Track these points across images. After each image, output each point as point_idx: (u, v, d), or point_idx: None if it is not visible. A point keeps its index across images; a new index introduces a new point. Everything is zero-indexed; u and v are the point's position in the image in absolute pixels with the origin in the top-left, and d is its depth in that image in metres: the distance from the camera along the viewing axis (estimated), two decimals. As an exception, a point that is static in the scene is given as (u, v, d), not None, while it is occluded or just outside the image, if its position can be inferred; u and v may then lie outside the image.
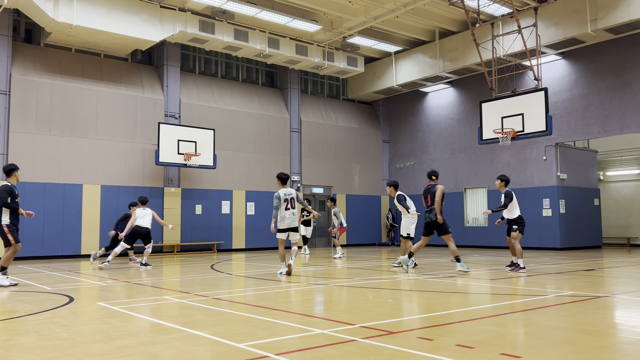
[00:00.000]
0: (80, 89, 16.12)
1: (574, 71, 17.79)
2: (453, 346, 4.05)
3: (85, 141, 16.06)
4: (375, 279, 9.35)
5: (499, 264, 12.22)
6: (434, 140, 21.87)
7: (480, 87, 19.44)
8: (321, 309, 6.17)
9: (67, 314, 5.79)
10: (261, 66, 20.88)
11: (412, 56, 20.27)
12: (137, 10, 15.45)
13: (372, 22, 17.27)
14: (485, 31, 16.98)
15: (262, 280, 9.12)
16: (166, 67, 17.80)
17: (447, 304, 6.35)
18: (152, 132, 17.09)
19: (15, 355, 3.93)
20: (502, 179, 10.69)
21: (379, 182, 23.17)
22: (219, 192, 18.54)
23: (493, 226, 19.46)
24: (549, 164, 18.10)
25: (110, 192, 16.26)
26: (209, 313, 5.75)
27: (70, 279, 9.51)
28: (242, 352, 3.92)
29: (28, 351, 4.03)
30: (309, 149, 21.07)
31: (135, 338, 4.48)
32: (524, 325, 4.87)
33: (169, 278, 9.95)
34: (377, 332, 4.57)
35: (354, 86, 22.88)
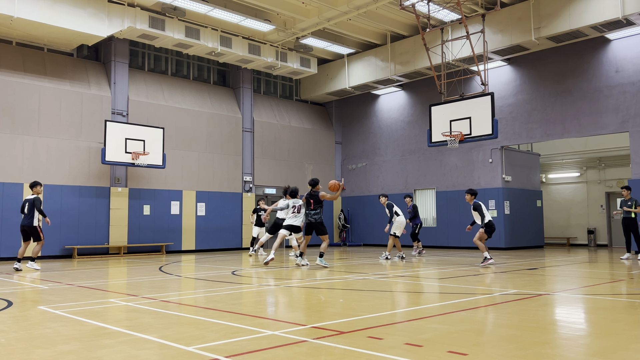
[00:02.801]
0: (22, 84, 15.43)
1: (518, 77, 18.46)
2: (402, 345, 4.11)
3: (27, 138, 15.39)
4: (327, 279, 9.39)
5: (447, 263, 12.52)
6: (385, 142, 22.19)
7: (430, 90, 19.87)
8: (272, 310, 6.14)
9: (5, 318, 5.53)
10: (213, 64, 20.61)
11: (365, 59, 20.50)
12: (83, 4, 14.94)
13: (325, 23, 17.35)
14: (435, 36, 17.37)
15: (212, 282, 8.99)
16: (114, 63, 17.29)
17: (396, 304, 6.45)
18: (98, 130, 16.56)
19: (-53, 363, 3.71)
20: (471, 192, 12.33)
21: (331, 183, 23.26)
22: (168, 192, 18.16)
23: (441, 226, 19.93)
24: (494, 167, 18.69)
25: (53, 192, 15.64)
26: (157, 316, 5.62)
27: (8, 282, 9.08)
28: (191, 355, 3.85)
29: (-39, 359, 3.82)
30: (262, 149, 20.95)
31: (79, 343, 4.32)
32: (470, 323, 5.01)
33: (114, 280, 9.66)
34: (328, 332, 4.58)
35: (307, 87, 22.92)
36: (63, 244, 15.74)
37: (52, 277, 10.07)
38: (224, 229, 19.45)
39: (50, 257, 15.46)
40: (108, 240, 16.62)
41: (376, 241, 22.00)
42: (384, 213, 22.08)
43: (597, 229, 20.85)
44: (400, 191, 21.43)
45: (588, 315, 5.72)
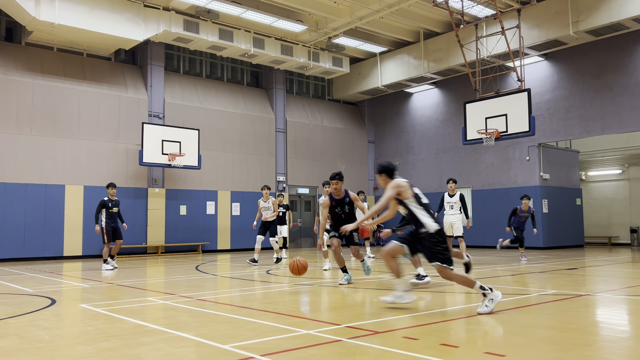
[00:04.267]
0: (63, 88, 15.92)
1: (556, 72, 18.01)
2: (438, 345, 4.07)
3: (68, 141, 15.86)
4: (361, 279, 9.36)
5: (483, 263, 12.32)
6: (418, 141, 21.99)
7: (464, 87, 19.58)
8: (307, 310, 6.16)
9: (49, 316, 5.71)
10: (246, 66, 20.81)
11: (397, 57, 20.35)
12: (120, 9, 15.30)
13: (357, 22, 17.31)
14: (469, 32, 17.11)
15: (248, 281, 9.08)
16: (150, 66, 17.65)
17: (432, 304, 6.38)
18: (135, 132, 16.93)
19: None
20: None
21: (365, 182, 23.22)
22: (203, 193, 18.43)
23: (477, 226, 19.62)
24: (532, 164, 18.29)
25: (93, 193, 16.07)
26: (194, 314, 5.71)
27: (52, 281, 9.38)
28: (227, 354, 3.90)
29: (8, 354, 3.97)
30: (295, 149, 21.05)
31: (119, 340, 4.43)
32: (507, 324, 4.91)
33: (153, 279, 9.87)
34: (362, 332, 4.57)
35: (339, 86, 22.91)
36: (103, 244, 16.14)
37: (92, 276, 10.35)
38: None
39: (91, 257, 15.90)
40: (146, 240, 16.99)
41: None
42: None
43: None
44: (435, 190, 21.18)
45: (631, 317, 5.54)
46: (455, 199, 11.89)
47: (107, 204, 12.05)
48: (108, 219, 12.00)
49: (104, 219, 11.98)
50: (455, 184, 12.03)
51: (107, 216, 11.99)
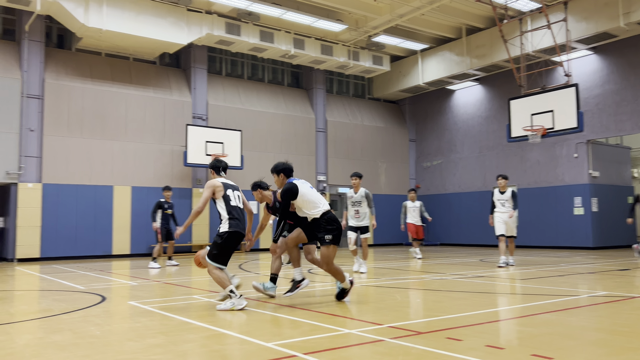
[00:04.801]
0: (110, 92, 16.44)
1: (605, 66, 17.37)
2: (483, 347, 4.00)
3: (116, 143, 16.38)
4: (403, 279, 9.30)
5: (529, 263, 12.01)
6: (461, 139, 21.63)
7: (508, 84, 19.14)
8: (349, 309, 6.16)
9: (100, 312, 5.92)
10: (286, 67, 20.97)
11: (439, 54, 20.08)
12: (164, 14, 15.69)
13: (397, 20, 17.17)
14: (513, 27, 16.71)
15: (289, 280, 9.14)
16: (193, 69, 18.03)
17: (476, 304, 6.28)
18: (180, 134, 17.32)
19: (51, 352, 4.03)
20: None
21: (406, 182, 23.02)
22: (246, 193, 18.62)
23: (523, 225, 19.14)
24: (580, 162, 17.71)
25: (140, 194, 16.54)
26: (237, 312, 5.81)
27: (102, 279, 9.71)
28: (270, 351, 3.94)
29: (63, 349, 4.14)
30: (335, 148, 21.07)
31: (166, 337, 4.55)
32: (555, 326, 4.78)
33: (197, 278, 10.07)
34: (405, 332, 4.54)
35: (380, 85, 22.78)
36: (149, 242, 16.60)
37: (140, 274, 10.66)
38: (299, 228, 19.72)
39: (138, 256, 16.37)
40: (191, 238, 17.36)
41: (453, 240, 21.49)
42: (462, 211, 21.60)
43: (699, 227, 19.21)
44: (478, 189, 20.81)
45: (689, 321, 5.29)
46: (506, 196, 11.42)
47: (163, 205, 12.74)
48: (163, 220, 12.64)
49: (159, 220, 12.58)
50: (505, 180, 11.56)
51: (162, 217, 12.64)
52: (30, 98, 15.17)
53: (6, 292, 8.06)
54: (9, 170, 14.64)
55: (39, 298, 7.46)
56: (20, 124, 14.94)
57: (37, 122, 15.22)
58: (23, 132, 14.94)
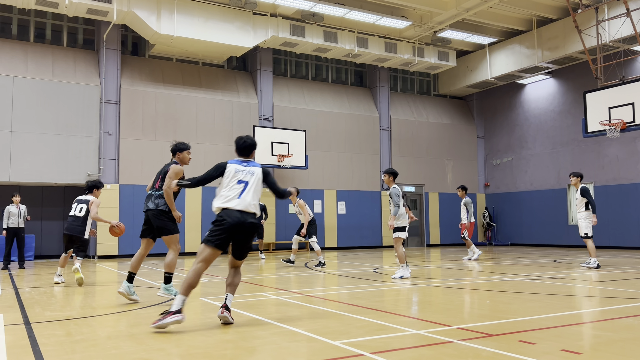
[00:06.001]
0: (182, 96, 17.09)
1: (693, 54, 16.17)
2: (557, 351, 3.84)
3: (187, 145, 16.97)
4: (472, 279, 9.08)
5: (609, 265, 11.38)
6: (533, 134, 20.81)
7: (583, 76, 18.22)
8: (416, 309, 6.09)
9: (174, 308, 6.16)
10: (350, 66, 20.97)
11: (508, 47, 19.41)
12: (231, 19, 16.11)
13: (463, 14, 16.75)
14: (589, 17, 15.88)
15: (355, 278, 9.16)
16: (259, 71, 18.40)
17: (550, 307, 6.03)
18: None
19: (130, 344, 4.25)
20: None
21: (474, 180, 22.42)
22: (310, 192, 18.86)
23: (602, 224, 18.16)
24: (664, 157, 16.57)
25: (210, 194, 17.07)
26: (304, 310, 5.88)
27: (176, 276, 10.10)
28: (337, 350, 3.97)
29: (141, 341, 4.35)
30: (399, 147, 20.85)
31: (236, 332, 4.68)
32: (637, 331, 4.51)
33: (265, 275, 10.28)
34: (474, 334, 4.43)
35: (446, 81, 22.32)
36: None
37: (210, 271, 11.00)
38: (363, 227, 19.70)
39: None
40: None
41: (525, 240, 20.71)
42: (535, 210, 20.77)
43: None
44: (551, 187, 19.95)
45: None
46: (577, 194, 10.93)
47: None
48: None
49: None
50: (576, 178, 10.99)
51: None
52: (108, 104, 16.03)
53: (88, 287, 8.57)
54: (90, 172, 15.54)
55: (117, 293, 7.87)
56: (99, 128, 15.82)
57: (114, 126, 16.06)
58: (102, 135, 15.81)
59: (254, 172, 5.47)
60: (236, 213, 5.15)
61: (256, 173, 5.47)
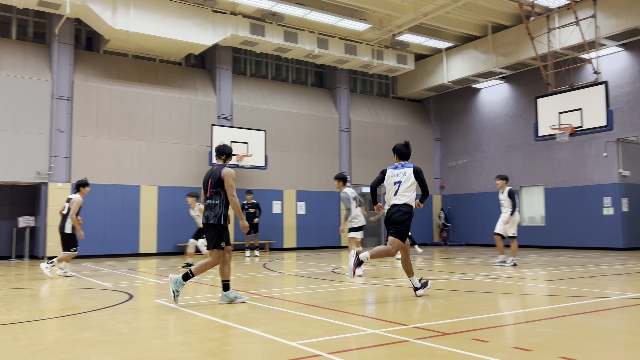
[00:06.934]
0: (137, 93, 16.70)
1: (636, 63, 16.94)
2: (509, 348, 3.95)
3: (143, 143, 16.63)
4: (428, 279, 9.22)
5: (557, 264, 11.80)
6: (487, 138, 21.36)
7: (535, 82, 18.83)
8: (373, 309, 6.14)
9: (127, 310, 6.02)
10: (310, 67, 21.00)
11: (464, 52, 19.86)
12: (190, 16, 15.87)
13: (422, 18, 17.04)
14: (541, 24, 16.43)
15: (313, 279, 9.17)
16: (218, 70, 18.19)
17: (502, 306, 6.19)
18: (205, 134, 17.50)
19: (80, 349, 4.12)
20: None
21: (431, 181, 22.83)
22: (270, 192, 18.78)
23: (550, 225, 18.83)
24: (609, 161, 17.32)
25: (166, 193, 16.77)
26: (262, 311, 5.84)
27: (129, 277, 9.87)
28: (295, 351, 3.96)
29: (91, 345, 4.22)
30: (358, 148, 21.02)
31: (192, 335, 4.60)
32: (584, 328, 4.69)
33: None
34: (430, 332, 4.51)
35: (404, 84, 22.64)
36: (176, 241, 16.83)
37: (167, 272, 10.80)
38: (322, 227, 19.77)
39: (165, 254, 16.59)
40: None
41: (479, 241, 21.24)
42: (488, 211, 21.29)
43: None
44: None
45: None
46: (503, 196, 11.67)
47: (244, 207, 15.51)
48: (247, 218, 15.01)
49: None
50: (502, 180, 11.70)
51: (246, 215, 15.30)
52: (60, 99, 15.51)
53: (37, 289, 8.26)
54: (40, 170, 15.00)
55: (68, 296, 7.62)
56: (50, 125, 15.28)
57: (66, 123, 15.55)
58: (53, 132, 15.28)
59: (406, 172, 6.81)
60: (390, 208, 6.59)
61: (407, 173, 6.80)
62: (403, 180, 6.70)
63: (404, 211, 6.47)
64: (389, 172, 6.87)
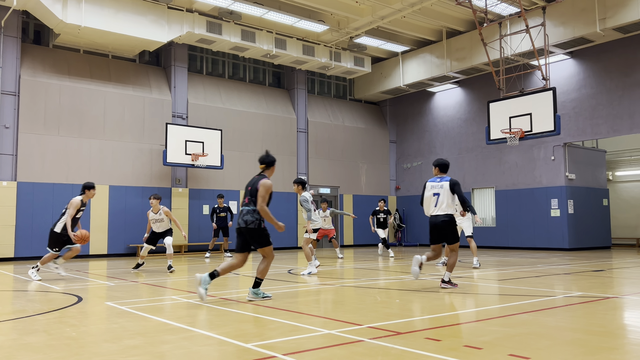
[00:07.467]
0: (89, 89, 16.20)
1: (582, 70, 17.69)
2: (461, 347, 4.03)
3: (94, 142, 16.14)
4: (383, 279, 9.34)
5: (507, 264, 12.17)
6: (441, 140, 21.82)
7: (487, 87, 19.37)
8: (328, 309, 6.16)
9: (76, 313, 5.82)
10: (268, 67, 20.91)
11: (419, 56, 20.22)
12: (144, 12, 15.51)
13: (379, 22, 17.25)
14: (493, 31, 16.92)
15: (270, 280, 9.13)
16: (174, 67, 17.86)
17: (455, 305, 6.33)
18: (159, 133, 17.15)
19: (25, 354, 3.95)
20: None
21: (386, 183, 23.14)
22: (226, 192, 18.57)
23: (501, 227, 19.39)
24: (557, 164, 18.00)
25: (118, 193, 16.33)
26: (217, 313, 5.76)
27: (78, 279, 9.56)
28: (249, 352, 3.92)
29: (37, 350, 4.06)
30: (316, 149, 21.07)
31: (143, 338, 4.49)
32: (532, 326, 4.85)
33: (176, 278, 9.97)
34: (384, 332, 4.56)
35: (361, 86, 22.86)
36: (127, 242, 16.40)
37: (117, 274, 10.51)
38: (280, 228, 19.68)
39: (116, 255, 16.15)
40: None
41: (433, 241, 21.64)
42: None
43: (671, 229, 19.68)
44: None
45: (661, 321, 5.41)
46: None
47: (216, 210, 15.76)
48: (218, 221, 15.70)
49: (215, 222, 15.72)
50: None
51: (217, 219, 15.70)
52: (5, 95, 14.88)
53: (-21, 292, 7.89)
54: (-17, 168, 14.33)
55: (12, 298, 7.31)
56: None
57: (12, 119, 14.93)
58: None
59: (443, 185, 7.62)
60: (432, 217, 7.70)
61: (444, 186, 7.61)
62: (441, 192, 7.60)
63: (447, 221, 7.52)
64: (428, 184, 7.80)
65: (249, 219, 6.56)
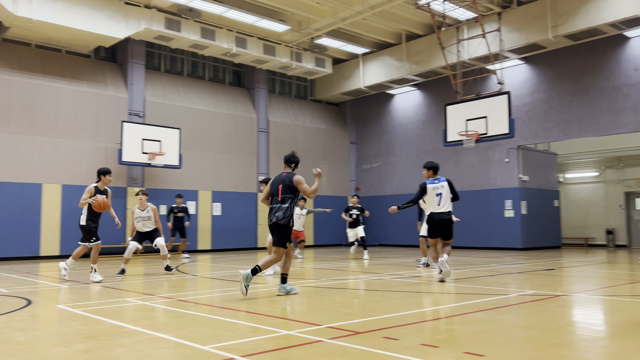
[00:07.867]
0: (40, 85, 15.65)
1: (535, 75, 18.26)
2: (418, 345, 4.09)
3: (45, 139, 15.60)
4: (342, 279, 9.38)
5: (463, 264, 12.43)
6: (400, 142, 22.10)
7: (445, 90, 19.74)
8: (287, 310, 6.14)
9: (25, 317, 5.61)
10: (228, 65, 20.70)
11: (379, 58, 20.43)
12: (100, 6, 15.10)
13: (339, 23, 17.33)
14: (451, 35, 17.26)
15: (228, 281, 9.03)
16: (130, 64, 17.45)
17: (412, 304, 6.42)
18: (115, 131, 16.72)
19: (-31, 361, 3.78)
20: None
21: (347, 183, 23.27)
22: (184, 192, 18.27)
23: (457, 226, 19.76)
24: (511, 166, 18.52)
25: (71, 192, 15.82)
26: (174, 315, 5.66)
27: (28, 281, 9.22)
28: (207, 355, 3.87)
29: (-18, 356, 3.88)
30: (277, 149, 20.99)
31: (97, 341, 4.37)
32: (486, 324, 4.97)
33: (131, 280, 9.74)
34: (343, 332, 4.58)
35: (322, 87, 22.92)
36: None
37: (70, 276, 10.18)
38: (239, 228, 19.53)
39: (69, 257, 15.61)
40: (125, 239, 16.77)
41: (391, 241, 21.92)
42: (400, 212, 21.96)
43: (616, 229, 20.54)
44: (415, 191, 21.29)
45: (607, 317, 5.65)
46: None
47: (173, 210, 15.56)
48: (174, 222, 15.45)
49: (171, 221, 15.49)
50: None
51: (174, 219, 15.46)
52: (-49, 89, 14.20)
53: None
54: None
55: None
56: (-62, 117, 13.95)
57: (-43, 114, 14.26)
58: (-59, 125, 13.96)
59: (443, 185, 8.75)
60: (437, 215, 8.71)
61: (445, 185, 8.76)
62: (443, 192, 8.69)
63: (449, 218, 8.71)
64: (429, 186, 8.79)
65: (280, 215, 7.03)
